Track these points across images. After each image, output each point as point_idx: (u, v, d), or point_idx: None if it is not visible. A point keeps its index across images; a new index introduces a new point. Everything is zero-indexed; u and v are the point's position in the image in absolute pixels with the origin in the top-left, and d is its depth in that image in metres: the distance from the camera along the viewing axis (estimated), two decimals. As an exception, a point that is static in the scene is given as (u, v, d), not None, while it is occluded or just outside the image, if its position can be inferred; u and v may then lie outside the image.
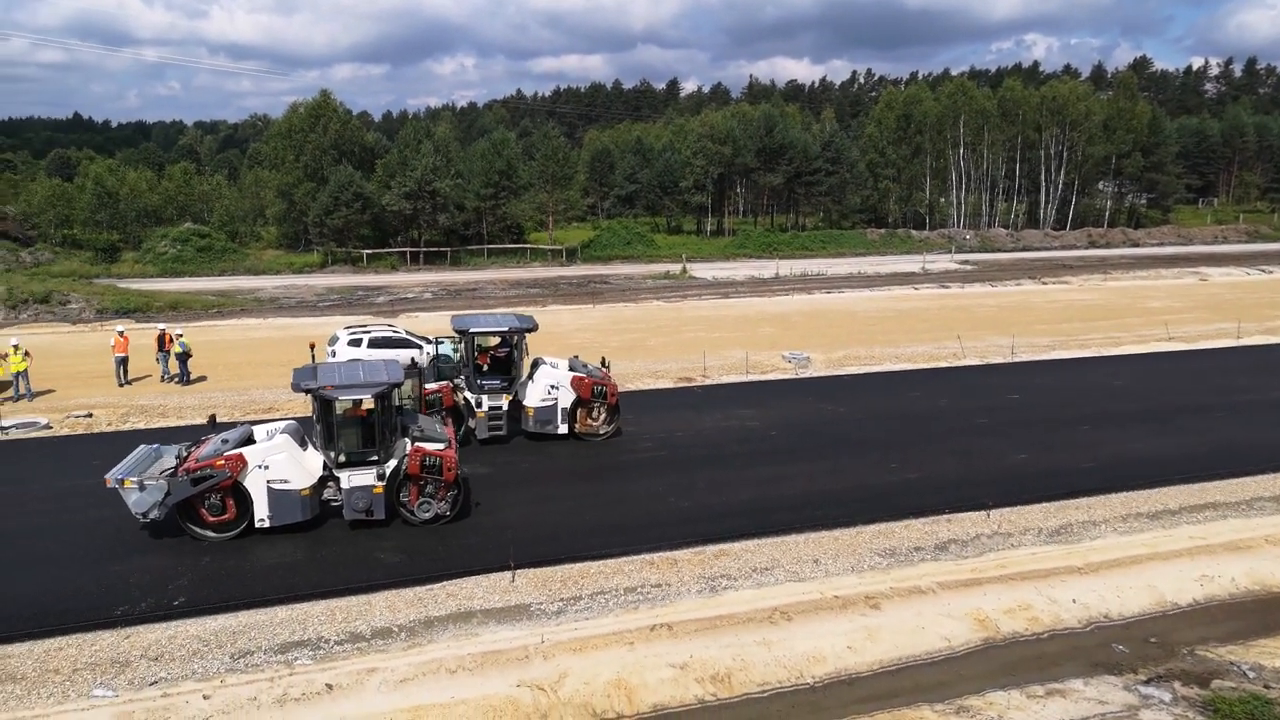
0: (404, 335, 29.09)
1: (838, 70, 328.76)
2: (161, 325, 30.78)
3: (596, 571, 15.50)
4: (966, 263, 64.85)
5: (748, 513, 18.00)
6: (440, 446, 17.08)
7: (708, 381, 29.07)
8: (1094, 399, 26.71)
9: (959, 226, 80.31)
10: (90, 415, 23.97)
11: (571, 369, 22.53)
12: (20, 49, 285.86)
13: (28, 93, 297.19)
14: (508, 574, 15.18)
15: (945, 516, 17.96)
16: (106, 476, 16.05)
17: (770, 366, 30.88)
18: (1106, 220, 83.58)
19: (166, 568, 15.29)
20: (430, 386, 21.48)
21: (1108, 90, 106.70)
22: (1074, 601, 14.92)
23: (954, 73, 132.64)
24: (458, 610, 14.22)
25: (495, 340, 23.29)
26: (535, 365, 22.43)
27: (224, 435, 17.18)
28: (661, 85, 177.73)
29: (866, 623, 14.10)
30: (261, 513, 16.35)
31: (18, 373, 25.71)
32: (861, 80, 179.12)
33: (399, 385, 17.52)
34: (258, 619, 13.80)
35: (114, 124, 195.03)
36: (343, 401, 16.64)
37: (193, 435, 19.59)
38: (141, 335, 30.50)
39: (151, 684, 12.24)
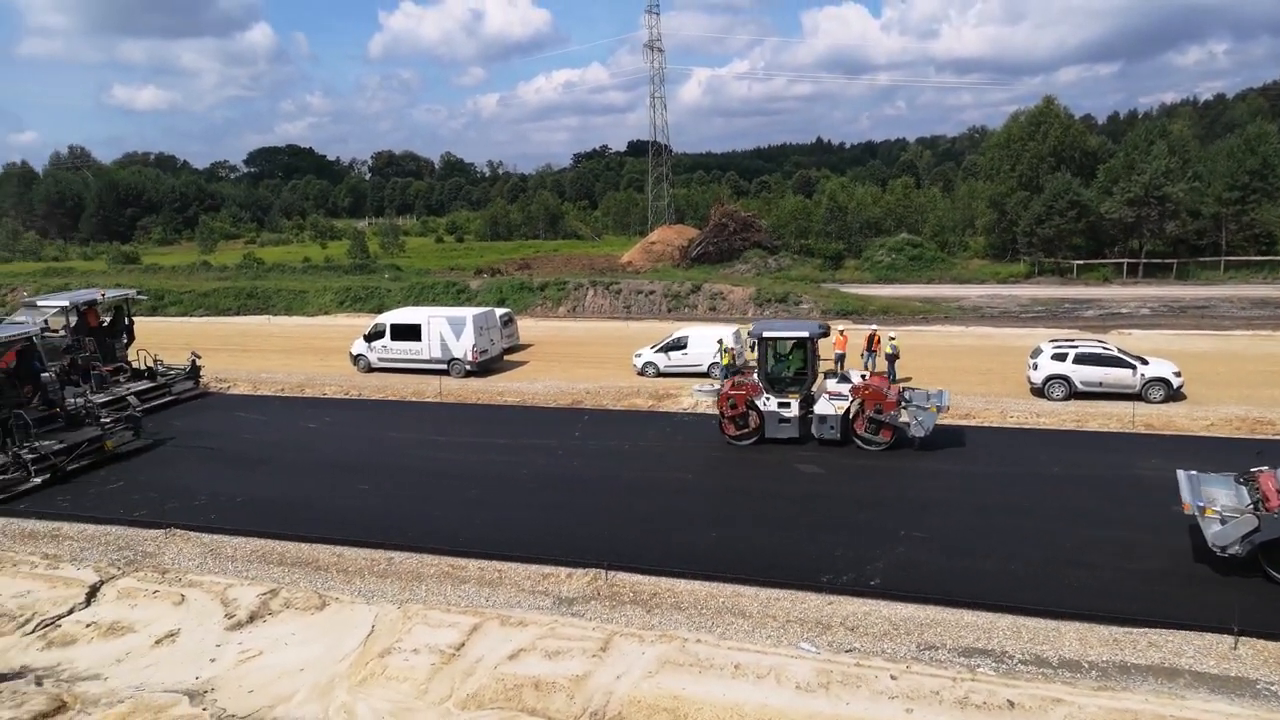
0: (1115, 353, 26.84)
1: None
2: (874, 327, 33.53)
3: (1359, 666, 12.36)
4: None
5: None
6: None
7: None
8: None
9: None
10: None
11: None
12: (780, 86, 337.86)
13: (783, 124, 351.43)
14: (1228, 638, 13.02)
15: None
16: (1185, 502, 15.57)
17: None
18: None
19: (865, 548, 16.68)
20: None
21: None
22: None
23: None
24: (1161, 664, 12.70)
25: None
26: None
27: None
28: None
29: None
30: None
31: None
32: None
33: None
34: (944, 616, 14.23)
35: (847, 145, 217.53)
36: None
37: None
38: (856, 335, 33.62)
39: (847, 651, 13.53)
